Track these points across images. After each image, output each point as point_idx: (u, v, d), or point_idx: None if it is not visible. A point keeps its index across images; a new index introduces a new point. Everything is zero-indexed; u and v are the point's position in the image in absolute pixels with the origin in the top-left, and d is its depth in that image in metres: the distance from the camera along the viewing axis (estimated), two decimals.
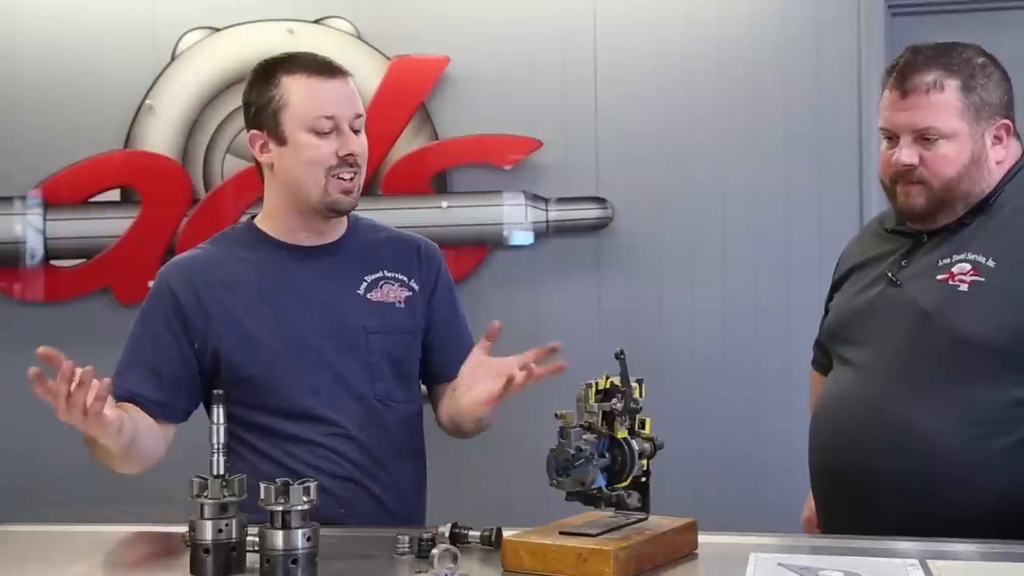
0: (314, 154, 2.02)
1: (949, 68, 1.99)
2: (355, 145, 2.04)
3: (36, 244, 3.80)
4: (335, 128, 2.03)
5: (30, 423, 3.72)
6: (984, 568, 1.66)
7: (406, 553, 1.68)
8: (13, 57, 3.83)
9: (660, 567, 1.62)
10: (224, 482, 1.58)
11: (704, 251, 3.59)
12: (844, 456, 2.00)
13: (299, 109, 2.02)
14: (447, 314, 2.19)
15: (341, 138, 2.03)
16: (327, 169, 2.03)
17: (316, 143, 2.02)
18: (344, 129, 2.03)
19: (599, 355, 1.71)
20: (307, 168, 2.03)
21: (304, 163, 2.03)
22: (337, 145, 2.03)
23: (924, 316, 1.95)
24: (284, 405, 2.03)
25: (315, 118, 2.02)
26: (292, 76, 2.04)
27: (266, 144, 2.06)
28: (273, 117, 2.04)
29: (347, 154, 2.03)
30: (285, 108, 2.03)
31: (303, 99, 2.02)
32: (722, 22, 3.59)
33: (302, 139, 2.02)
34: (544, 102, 3.64)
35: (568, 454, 1.59)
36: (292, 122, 2.03)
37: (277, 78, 2.04)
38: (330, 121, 2.02)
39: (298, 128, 2.02)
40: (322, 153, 2.02)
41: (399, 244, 2.19)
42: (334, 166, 2.03)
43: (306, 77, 2.03)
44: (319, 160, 2.02)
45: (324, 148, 2.02)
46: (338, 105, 2.04)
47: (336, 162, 2.03)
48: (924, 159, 2.00)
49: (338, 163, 2.03)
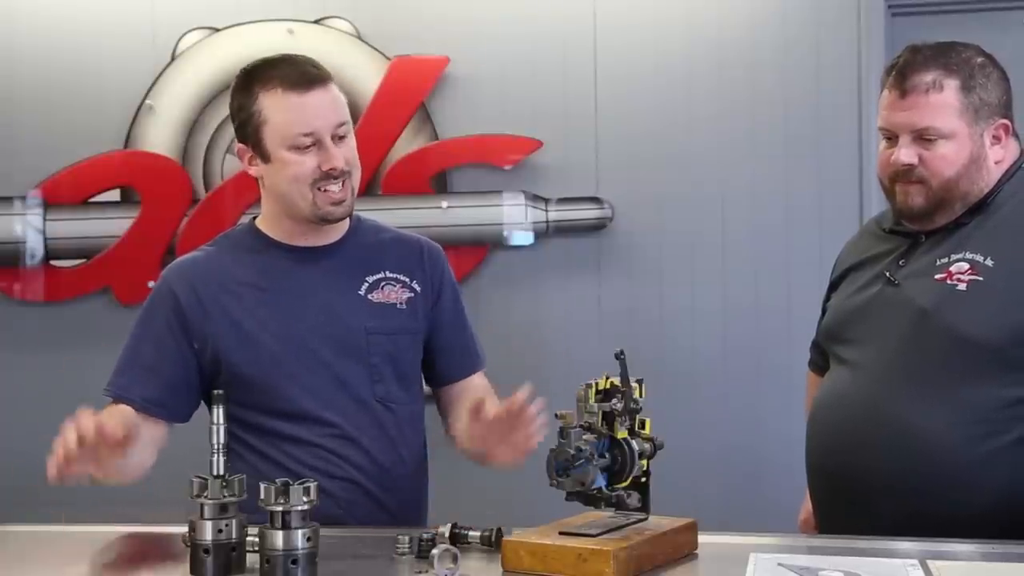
0: (297, 171, 2.00)
1: (948, 68, 1.99)
2: (337, 159, 2.00)
3: (36, 244, 3.80)
4: (316, 142, 2.00)
5: (30, 423, 3.72)
6: (984, 568, 1.66)
7: (406, 553, 1.68)
8: (13, 57, 3.83)
9: (660, 567, 1.62)
10: (224, 482, 1.59)
11: (704, 251, 3.59)
12: (841, 456, 2.00)
13: (277, 127, 2.00)
14: (452, 316, 2.18)
15: (323, 152, 2.00)
16: (312, 184, 2.01)
17: (298, 159, 2.00)
18: (326, 142, 2.00)
19: (599, 355, 1.71)
20: (292, 184, 2.01)
21: (288, 180, 2.01)
22: (319, 159, 2.00)
23: (922, 315, 1.95)
24: (283, 406, 2.03)
25: (294, 136, 1.99)
26: (268, 91, 2.00)
27: (253, 158, 2.06)
28: (255, 134, 2.02)
29: (330, 168, 2.00)
30: (264, 125, 2.01)
31: (280, 116, 1.99)
32: (722, 23, 3.59)
33: (283, 156, 2.00)
34: (544, 102, 3.64)
35: (568, 454, 1.59)
36: (272, 140, 2.01)
37: (255, 92, 2.02)
38: (309, 137, 1.99)
39: (278, 146, 2.00)
40: (305, 169, 2.00)
41: (401, 245, 2.18)
42: (318, 179, 2.01)
43: (282, 92, 1.99)
44: (302, 176, 2.00)
45: (307, 164, 2.00)
46: (317, 119, 2.00)
47: (320, 175, 2.00)
48: (923, 159, 2.00)
49: (322, 176, 2.01)
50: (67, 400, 4.12)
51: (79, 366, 3.70)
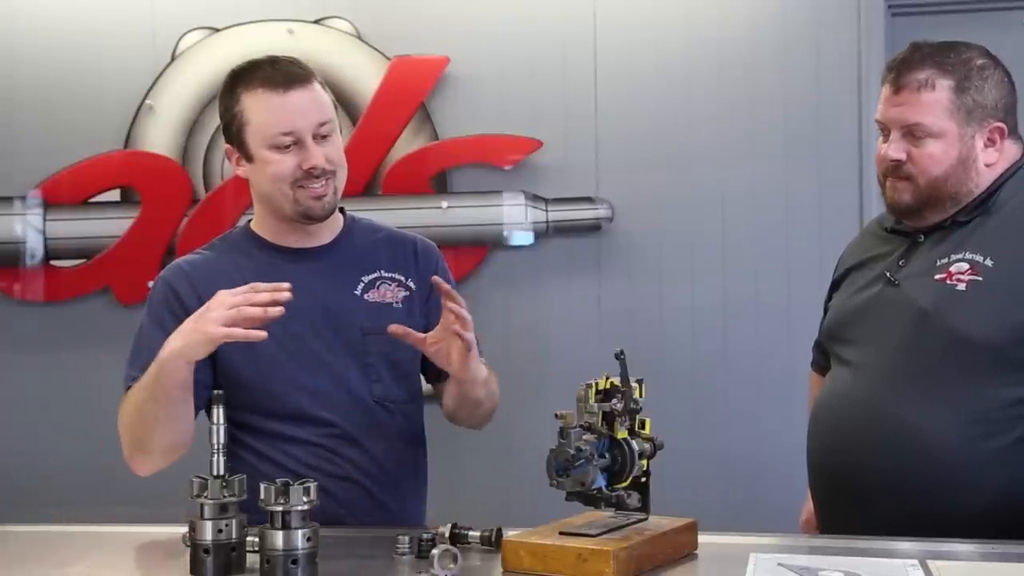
0: (277, 170, 2.02)
1: (943, 67, 1.99)
2: (316, 158, 2.01)
3: (36, 244, 3.80)
4: (297, 141, 2.01)
5: (30, 423, 3.74)
6: (984, 568, 1.66)
7: (406, 553, 1.68)
8: (13, 57, 3.83)
9: (660, 567, 1.62)
10: (224, 482, 1.58)
11: (704, 251, 3.59)
12: (842, 456, 2.01)
13: (258, 127, 2.02)
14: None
15: (303, 152, 2.01)
16: (292, 183, 2.02)
17: (277, 158, 2.02)
18: (306, 141, 2.01)
19: (599, 355, 1.71)
20: (273, 184, 2.03)
21: (269, 180, 2.03)
22: (299, 159, 2.01)
23: (922, 315, 1.95)
24: (281, 406, 2.03)
25: (274, 135, 2.01)
26: (250, 92, 2.03)
27: (239, 159, 2.08)
28: (238, 135, 2.05)
29: (310, 167, 2.01)
30: (247, 126, 2.03)
31: (261, 116, 2.02)
32: (722, 23, 3.59)
33: (264, 156, 2.02)
34: (544, 102, 3.64)
35: (568, 454, 1.59)
36: (254, 140, 2.03)
37: (238, 94, 2.04)
38: (289, 136, 2.01)
39: (260, 145, 2.03)
40: (285, 168, 2.02)
41: (396, 244, 2.19)
42: (299, 179, 2.02)
43: (263, 92, 2.02)
44: (282, 176, 2.02)
45: (287, 163, 2.01)
46: (297, 118, 2.01)
47: (300, 175, 2.02)
48: (911, 155, 2.01)
49: (303, 175, 2.02)
50: (67, 400, 4.15)
51: (79, 366, 3.71)
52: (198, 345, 1.84)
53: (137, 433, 1.95)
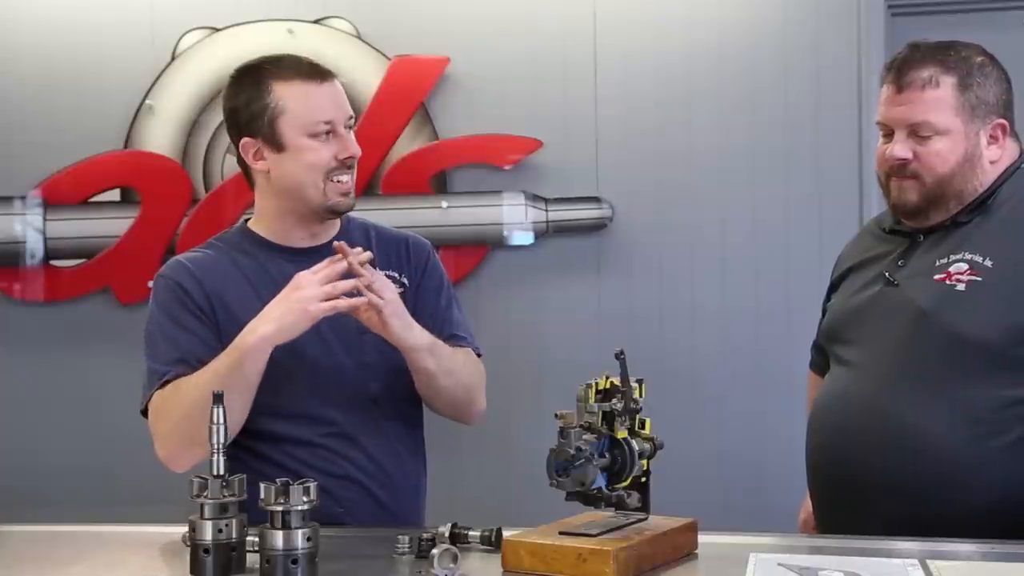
0: (315, 158, 2.05)
1: (946, 65, 1.99)
2: (353, 147, 2.08)
3: (36, 244, 3.80)
4: (332, 131, 2.06)
5: (30, 423, 3.74)
6: (984, 568, 1.66)
7: (406, 553, 1.68)
8: (13, 57, 3.83)
9: (660, 567, 1.62)
10: (224, 482, 1.58)
11: (704, 251, 3.59)
12: (841, 456, 2.00)
13: (297, 115, 2.05)
14: (431, 304, 2.16)
15: (339, 141, 2.07)
16: (326, 173, 2.06)
17: (316, 147, 2.05)
18: (340, 131, 2.07)
19: (599, 355, 1.71)
20: (307, 172, 2.06)
21: (305, 168, 2.05)
22: (336, 148, 2.06)
23: (922, 316, 1.95)
24: (280, 406, 2.03)
25: (315, 122, 2.05)
26: (285, 82, 2.06)
27: (260, 151, 2.08)
28: (270, 125, 2.06)
29: (346, 156, 2.07)
30: (283, 115, 2.05)
31: (300, 105, 2.05)
32: (722, 22, 3.59)
33: (302, 144, 2.05)
34: (544, 102, 3.64)
35: (568, 454, 1.59)
36: (291, 128, 2.05)
37: (268, 85, 2.06)
38: (327, 125, 2.06)
39: (298, 134, 2.05)
40: (322, 157, 2.05)
41: (389, 242, 2.20)
42: (333, 169, 2.06)
43: (300, 82, 2.06)
44: (320, 164, 2.05)
45: (324, 152, 2.05)
46: (335, 108, 2.07)
47: (336, 165, 2.06)
48: (917, 154, 2.00)
49: (337, 166, 2.06)
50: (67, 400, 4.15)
51: (79, 366, 3.71)
52: (298, 324, 1.90)
53: (197, 426, 1.86)
